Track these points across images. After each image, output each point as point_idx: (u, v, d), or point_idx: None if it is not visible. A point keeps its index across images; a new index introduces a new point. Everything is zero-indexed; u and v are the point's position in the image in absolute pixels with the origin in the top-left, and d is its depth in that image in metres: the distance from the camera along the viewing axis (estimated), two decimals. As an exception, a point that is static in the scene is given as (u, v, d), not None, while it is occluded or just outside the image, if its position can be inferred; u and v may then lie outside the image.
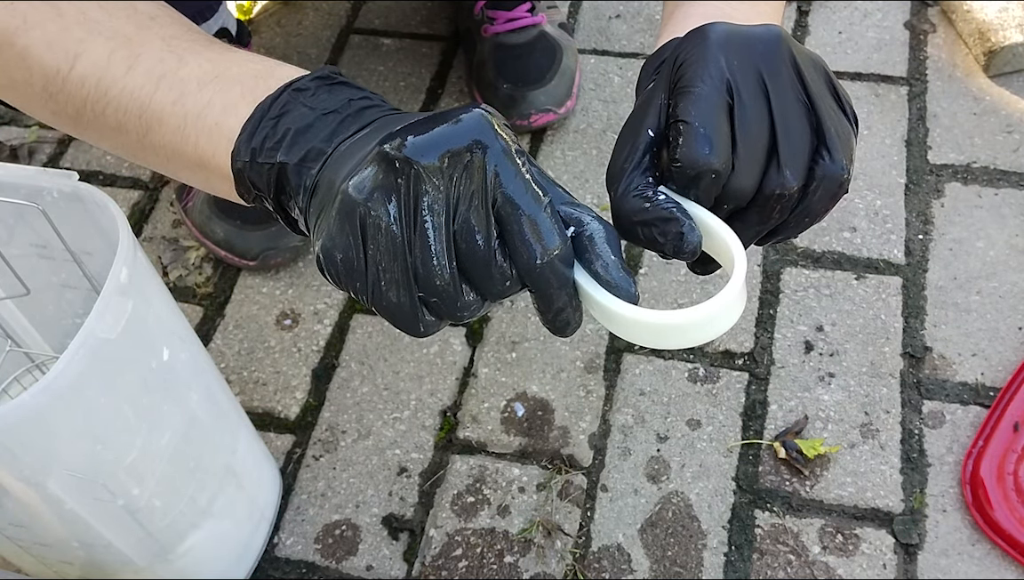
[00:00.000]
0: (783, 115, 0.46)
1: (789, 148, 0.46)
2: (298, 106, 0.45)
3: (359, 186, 0.40)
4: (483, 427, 0.95)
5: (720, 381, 0.96)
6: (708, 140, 0.45)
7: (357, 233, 0.40)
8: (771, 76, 0.47)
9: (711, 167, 0.45)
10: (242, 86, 0.47)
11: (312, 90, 0.46)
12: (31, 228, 0.72)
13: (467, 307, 0.42)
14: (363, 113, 0.45)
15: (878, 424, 0.92)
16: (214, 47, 0.50)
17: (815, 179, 0.47)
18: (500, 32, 1.14)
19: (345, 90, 0.46)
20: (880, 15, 1.24)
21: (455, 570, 0.87)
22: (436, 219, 0.40)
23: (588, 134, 1.16)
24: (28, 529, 0.72)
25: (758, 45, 0.47)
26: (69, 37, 0.49)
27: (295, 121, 0.45)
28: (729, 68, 0.46)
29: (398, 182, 0.40)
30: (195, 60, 0.48)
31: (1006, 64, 1.14)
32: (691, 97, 0.46)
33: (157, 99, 0.48)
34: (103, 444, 0.65)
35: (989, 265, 1.01)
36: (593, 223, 0.44)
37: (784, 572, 0.84)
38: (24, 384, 0.87)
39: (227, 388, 0.82)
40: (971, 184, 1.07)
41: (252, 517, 0.87)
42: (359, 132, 0.44)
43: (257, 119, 0.46)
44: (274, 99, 0.46)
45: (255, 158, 0.45)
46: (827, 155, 0.47)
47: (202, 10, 1.07)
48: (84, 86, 0.49)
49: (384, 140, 0.40)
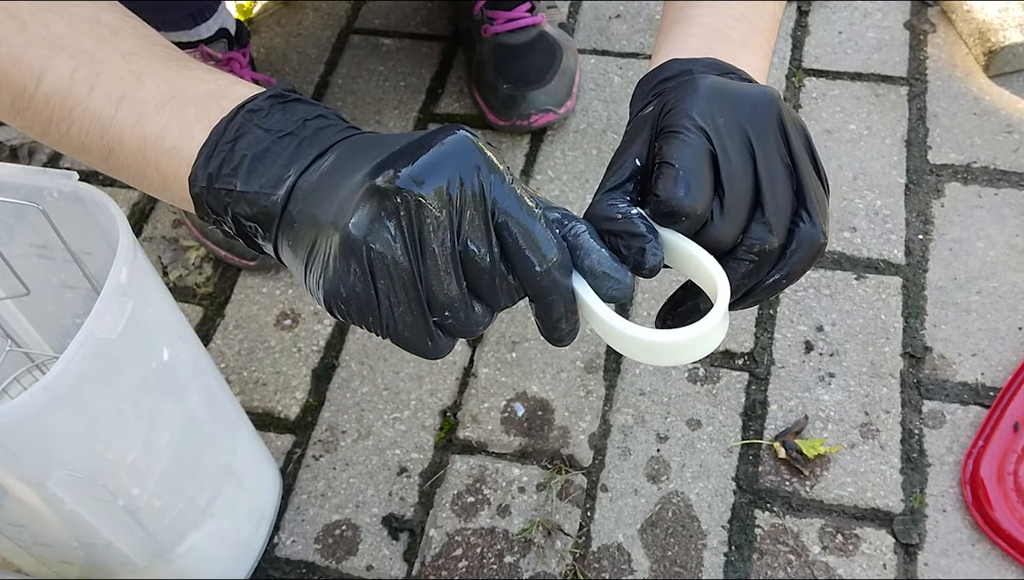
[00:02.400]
0: (769, 174, 0.48)
1: (774, 206, 0.48)
2: (253, 128, 0.45)
3: (360, 225, 0.40)
4: (483, 427, 0.95)
5: (720, 381, 0.96)
6: (686, 183, 0.46)
7: (366, 271, 0.41)
8: (758, 136, 0.48)
9: (684, 209, 0.46)
10: (197, 108, 0.47)
11: (266, 110, 0.46)
12: (31, 228, 0.72)
13: (480, 322, 0.44)
14: (320, 134, 0.45)
15: (878, 424, 0.92)
16: (172, 63, 0.50)
17: (795, 240, 0.49)
18: (500, 32, 1.14)
19: (300, 108, 0.46)
20: (880, 15, 1.24)
21: (455, 570, 0.87)
22: (440, 243, 0.41)
23: (588, 134, 1.16)
24: (28, 529, 0.72)
25: (746, 105, 0.49)
26: (33, 54, 0.49)
27: (251, 145, 0.45)
28: (715, 123, 0.48)
29: (399, 214, 0.40)
30: (153, 80, 0.48)
31: (1006, 64, 1.14)
32: (675, 142, 0.47)
33: (117, 121, 0.48)
34: (103, 444, 0.65)
35: (989, 265, 1.01)
36: (577, 223, 0.46)
37: (784, 572, 0.84)
38: (24, 384, 0.87)
39: (227, 388, 0.82)
40: (971, 184, 1.07)
41: (252, 517, 0.87)
42: (321, 157, 0.44)
43: (213, 143, 0.45)
44: (228, 121, 0.46)
45: (212, 184, 0.45)
46: (807, 217, 0.48)
47: (201, 10, 1.07)
48: (49, 105, 0.49)
49: (373, 173, 0.41)
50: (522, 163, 1.14)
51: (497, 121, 1.14)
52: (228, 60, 1.08)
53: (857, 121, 1.13)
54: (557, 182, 1.12)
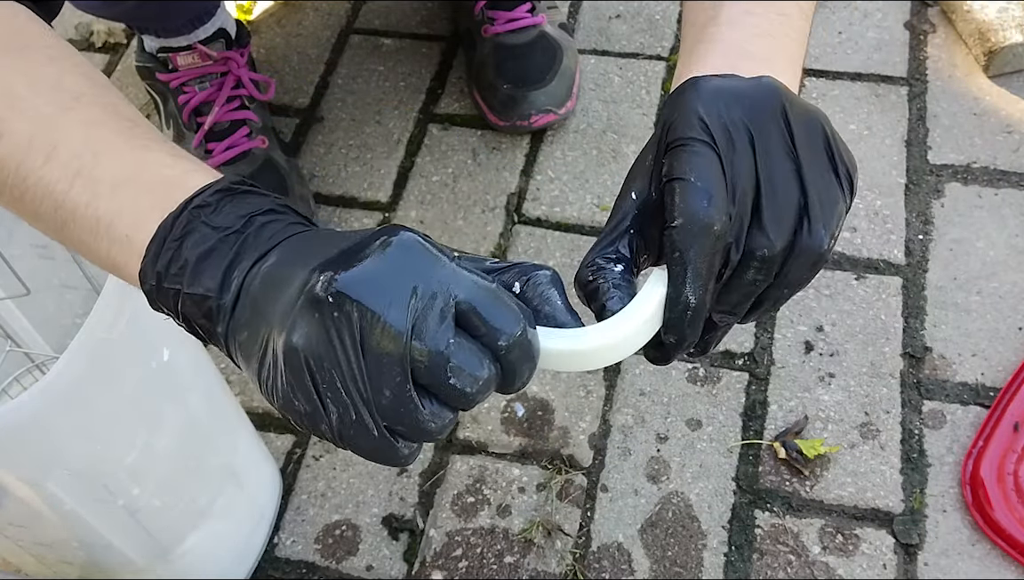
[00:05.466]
0: (769, 174, 0.45)
1: (773, 209, 0.45)
2: (199, 226, 0.44)
3: (299, 334, 0.39)
4: (483, 427, 0.95)
5: (720, 381, 0.96)
6: (707, 194, 0.44)
7: (307, 383, 0.39)
8: (759, 132, 0.46)
9: (711, 221, 0.44)
10: (152, 197, 0.46)
11: (213, 206, 0.44)
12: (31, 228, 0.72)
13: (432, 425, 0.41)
14: (263, 230, 0.44)
15: (878, 424, 0.92)
16: (133, 141, 0.48)
17: (794, 248, 0.46)
18: (500, 32, 1.14)
19: (248, 202, 0.45)
20: (880, 15, 1.24)
21: (455, 570, 0.87)
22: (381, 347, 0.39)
23: (588, 134, 1.16)
24: (28, 529, 0.72)
25: (746, 100, 0.46)
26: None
27: (196, 244, 0.43)
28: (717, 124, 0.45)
29: (337, 319, 0.39)
30: (111, 158, 0.47)
31: (1006, 64, 1.14)
32: (684, 154, 0.45)
33: (71, 197, 0.47)
34: (103, 444, 0.65)
35: (989, 265, 1.01)
36: (535, 273, 0.44)
37: (784, 572, 0.84)
38: (24, 384, 0.87)
39: (227, 388, 0.82)
40: (971, 184, 1.07)
41: (252, 517, 0.87)
42: (264, 257, 0.43)
43: (160, 240, 0.44)
44: (175, 217, 0.44)
45: (161, 283, 0.44)
46: (807, 225, 0.46)
47: (200, 14, 1.07)
48: (4, 169, 0.48)
49: (313, 274, 0.39)
50: (522, 163, 1.14)
51: (497, 121, 1.14)
52: (225, 60, 1.08)
53: (857, 121, 1.13)
54: (557, 182, 1.12)
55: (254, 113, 1.10)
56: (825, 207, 0.46)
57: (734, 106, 0.46)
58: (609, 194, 1.10)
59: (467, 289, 0.40)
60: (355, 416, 0.40)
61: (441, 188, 1.13)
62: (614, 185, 1.11)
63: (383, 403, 0.40)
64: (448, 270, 0.40)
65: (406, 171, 1.15)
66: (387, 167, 1.16)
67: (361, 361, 0.39)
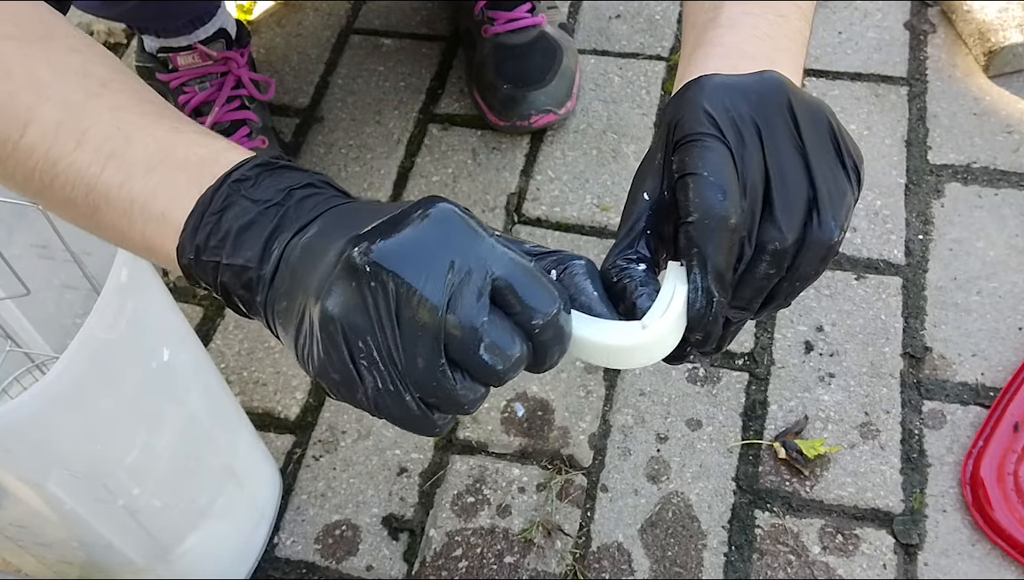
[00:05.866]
0: (778, 166, 0.46)
1: (784, 201, 0.45)
2: (239, 199, 0.44)
3: (335, 302, 0.39)
4: (483, 427, 0.95)
5: (720, 381, 0.96)
6: (720, 188, 0.44)
7: (343, 351, 0.40)
8: (766, 125, 0.46)
9: (727, 214, 0.44)
10: (187, 174, 0.46)
11: (253, 180, 0.45)
12: (31, 228, 0.72)
13: (466, 399, 0.41)
14: (304, 203, 0.44)
15: (878, 424, 0.92)
16: (163, 122, 0.48)
17: (804, 241, 0.46)
18: (500, 32, 1.14)
19: (287, 176, 0.45)
20: (880, 15, 1.24)
21: (455, 570, 0.87)
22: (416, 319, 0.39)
23: (588, 134, 1.16)
24: (28, 529, 0.72)
25: (752, 95, 0.46)
26: (18, 102, 0.48)
27: (237, 217, 0.44)
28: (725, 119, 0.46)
29: (373, 289, 0.39)
30: (142, 140, 0.47)
31: (1006, 64, 1.14)
32: (695, 150, 0.45)
33: (104, 180, 0.47)
34: (103, 444, 0.65)
35: (989, 265, 1.01)
36: (572, 262, 0.44)
37: (784, 572, 0.84)
38: (24, 384, 0.87)
39: (227, 388, 0.82)
40: (971, 184, 1.07)
41: (252, 517, 0.87)
42: (305, 228, 0.43)
43: (199, 214, 0.44)
44: (215, 190, 0.45)
45: (200, 256, 0.44)
46: (817, 217, 0.46)
47: (200, 14, 1.07)
48: (33, 156, 0.48)
49: (350, 245, 0.39)
50: (522, 163, 1.14)
51: (497, 121, 1.14)
52: (225, 60, 1.08)
53: (857, 121, 1.13)
54: (557, 182, 1.12)
55: (254, 113, 1.10)
56: (834, 199, 0.46)
57: (740, 101, 0.46)
58: (609, 194, 1.10)
59: (504, 266, 0.40)
60: (391, 386, 0.40)
61: (441, 188, 1.13)
62: (614, 185, 1.11)
63: (416, 375, 0.40)
64: (487, 245, 0.40)
65: (406, 171, 1.15)
66: (387, 167, 1.16)
67: (396, 332, 0.39)
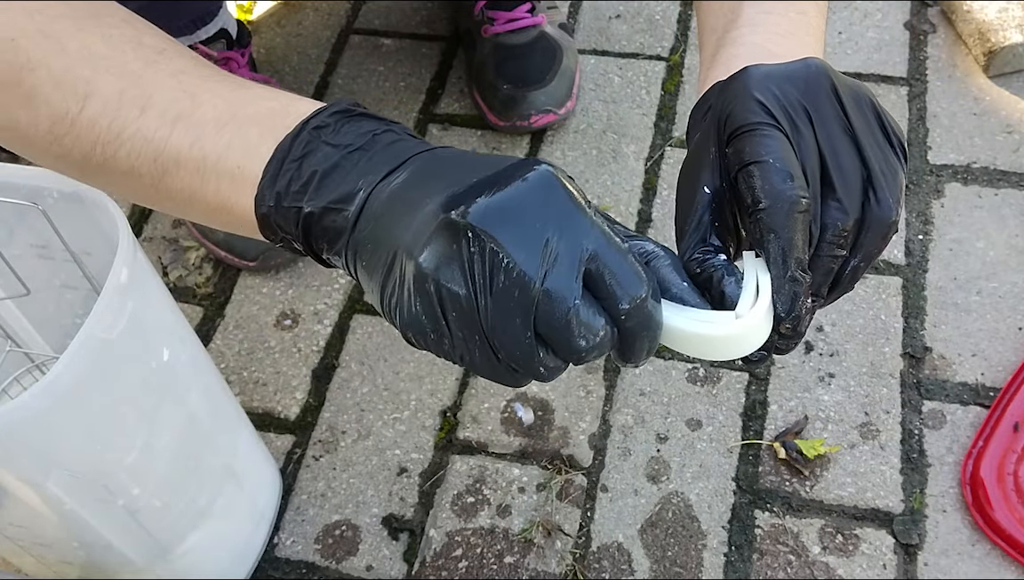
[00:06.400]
0: (832, 149, 0.46)
1: (842, 182, 0.46)
2: (320, 145, 0.44)
3: (431, 260, 0.39)
4: (483, 427, 0.95)
5: (720, 381, 0.96)
6: (787, 174, 0.44)
7: (435, 306, 0.40)
8: (815, 110, 0.46)
9: (798, 197, 0.44)
10: (260, 126, 0.46)
11: (332, 126, 0.44)
12: (31, 228, 0.72)
13: (549, 370, 0.41)
14: (391, 149, 0.44)
15: (878, 424, 0.92)
16: (227, 83, 0.48)
17: (865, 220, 0.46)
18: (500, 32, 1.14)
19: (366, 123, 0.45)
20: (880, 15, 1.24)
21: (455, 570, 0.87)
22: (508, 287, 0.39)
23: (588, 134, 1.16)
24: (28, 529, 0.72)
25: (799, 81, 0.47)
26: (76, 76, 0.47)
27: (320, 162, 0.43)
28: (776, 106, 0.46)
29: (471, 252, 0.39)
30: (210, 99, 0.47)
31: (1006, 64, 1.14)
32: (755, 138, 0.45)
33: (173, 142, 0.47)
34: (103, 444, 0.65)
35: (989, 265, 1.01)
36: (660, 251, 0.44)
37: (784, 572, 0.84)
38: (24, 384, 0.87)
39: (227, 388, 0.82)
40: (971, 184, 1.07)
41: (252, 517, 0.87)
42: (392, 173, 0.42)
43: (279, 161, 0.44)
44: (294, 137, 0.44)
45: (280, 202, 0.44)
46: (874, 196, 0.46)
47: (202, 15, 1.07)
48: (95, 128, 0.47)
49: (448, 205, 0.39)
50: (522, 163, 1.14)
51: (497, 121, 1.14)
52: (226, 60, 1.08)
53: (857, 121, 1.13)
54: (557, 182, 1.12)
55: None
56: (888, 177, 0.47)
57: (788, 88, 0.47)
58: (609, 194, 1.10)
59: (600, 244, 0.40)
60: (478, 346, 0.40)
61: (441, 188, 1.13)
62: (614, 185, 1.11)
63: (503, 340, 0.40)
64: (585, 220, 0.40)
65: (406, 171, 1.15)
66: (387, 167, 1.16)
67: (488, 298, 0.39)
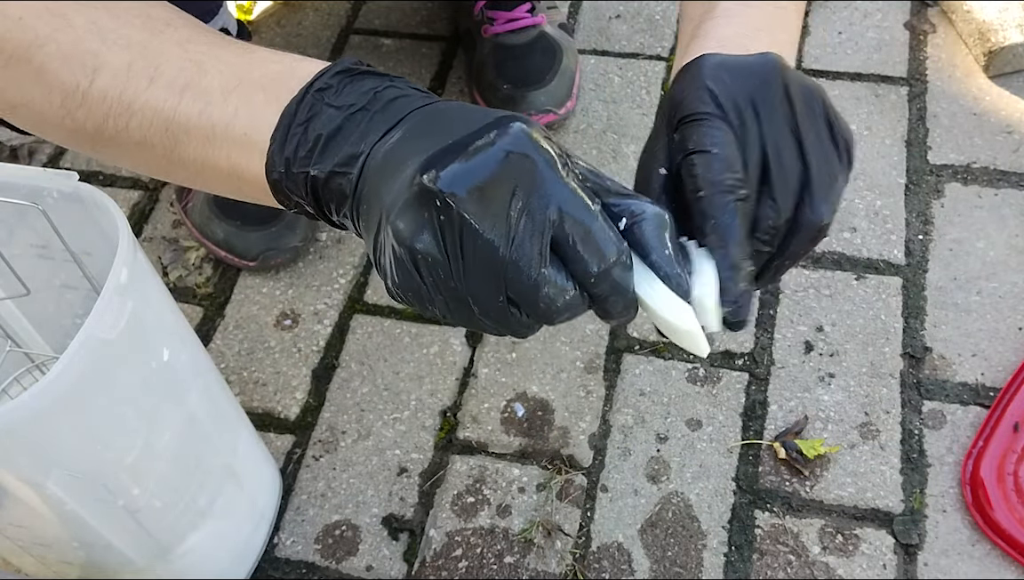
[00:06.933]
0: (775, 146, 0.47)
1: (780, 180, 0.47)
2: (324, 108, 0.44)
3: (403, 224, 0.40)
4: (483, 427, 0.95)
5: (720, 381, 0.96)
6: (727, 165, 0.45)
7: (412, 271, 0.41)
8: (764, 106, 0.47)
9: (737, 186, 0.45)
10: (265, 92, 0.46)
11: (335, 87, 0.45)
12: (31, 228, 0.72)
13: (525, 327, 0.42)
14: (390, 106, 0.44)
15: (878, 424, 0.92)
16: (232, 49, 0.49)
17: (796, 221, 0.47)
18: (500, 32, 1.14)
19: (369, 80, 0.45)
20: (880, 15, 1.24)
21: (455, 570, 0.87)
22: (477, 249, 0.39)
23: (588, 134, 1.16)
24: (28, 529, 0.72)
25: (752, 76, 0.47)
26: (84, 50, 0.48)
27: (324, 125, 0.44)
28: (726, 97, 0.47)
29: (440, 218, 0.39)
30: (216, 66, 0.47)
31: (1006, 64, 1.14)
32: (701, 129, 0.46)
33: (182, 111, 0.47)
34: (103, 444, 0.65)
35: (989, 265, 1.01)
36: (648, 212, 0.43)
37: (784, 572, 0.84)
38: (24, 384, 0.87)
39: (227, 388, 0.82)
40: (971, 184, 1.07)
41: (252, 517, 0.87)
42: (390, 131, 0.43)
43: (285, 127, 0.45)
44: (299, 102, 0.45)
45: (290, 168, 0.45)
46: (809, 197, 0.47)
47: (202, 14, 1.06)
48: (106, 100, 0.48)
49: (424, 167, 0.39)
50: (522, 163, 1.14)
51: (497, 121, 1.14)
52: (228, 60, 1.08)
53: (857, 121, 1.13)
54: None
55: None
56: (826, 183, 0.48)
57: (740, 81, 0.47)
58: (609, 194, 1.10)
59: (569, 208, 0.40)
60: (458, 306, 0.41)
61: (441, 188, 1.13)
62: (614, 185, 1.11)
63: (479, 302, 0.41)
64: (556, 183, 0.40)
65: (406, 171, 1.15)
66: (387, 167, 1.16)
67: (460, 263, 0.40)
